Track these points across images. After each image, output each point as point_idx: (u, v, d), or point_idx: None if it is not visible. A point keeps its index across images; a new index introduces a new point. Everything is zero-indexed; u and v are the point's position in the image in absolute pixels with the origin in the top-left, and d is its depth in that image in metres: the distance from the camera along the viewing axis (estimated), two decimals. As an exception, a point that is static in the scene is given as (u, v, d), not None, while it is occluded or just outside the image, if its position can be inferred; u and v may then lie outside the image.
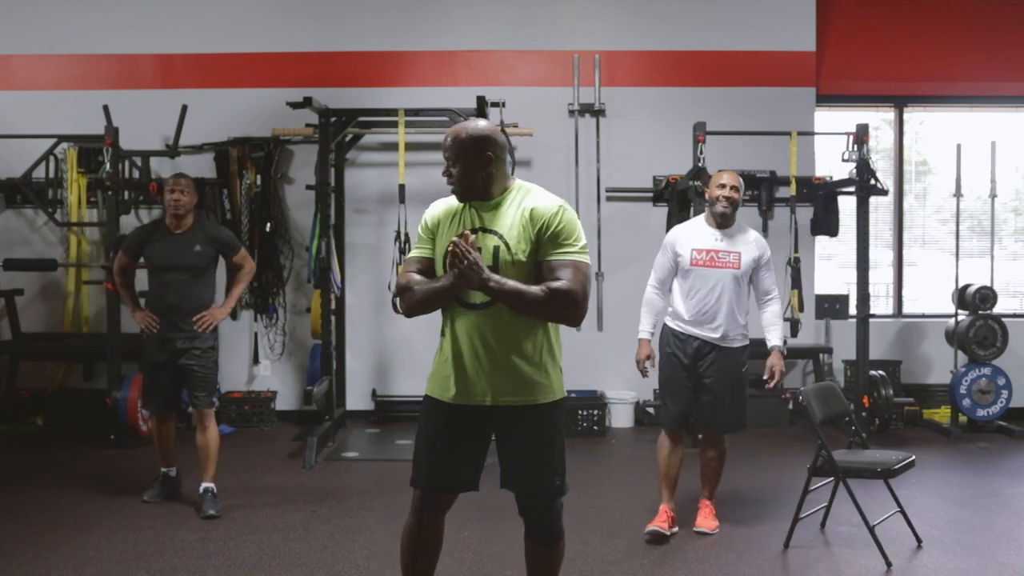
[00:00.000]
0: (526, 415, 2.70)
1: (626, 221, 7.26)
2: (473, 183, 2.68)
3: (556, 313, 2.64)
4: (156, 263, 4.68)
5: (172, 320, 4.64)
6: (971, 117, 7.81)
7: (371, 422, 7.06)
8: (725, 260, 4.20)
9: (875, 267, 7.29)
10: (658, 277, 4.32)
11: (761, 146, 6.97)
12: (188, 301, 4.65)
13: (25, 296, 7.17)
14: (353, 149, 7.23)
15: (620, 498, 4.99)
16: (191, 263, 4.65)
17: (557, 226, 2.64)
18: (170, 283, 4.64)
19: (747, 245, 4.26)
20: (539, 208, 2.66)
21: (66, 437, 6.49)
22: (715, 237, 4.23)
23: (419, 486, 2.78)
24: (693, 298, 4.21)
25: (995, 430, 6.80)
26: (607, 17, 7.44)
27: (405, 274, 2.77)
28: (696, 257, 4.20)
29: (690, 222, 4.46)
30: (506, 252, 2.64)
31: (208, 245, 4.71)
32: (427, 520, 2.81)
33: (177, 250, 4.64)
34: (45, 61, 7.32)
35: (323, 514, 4.67)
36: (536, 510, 2.79)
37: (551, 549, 2.85)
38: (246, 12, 7.33)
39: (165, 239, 4.67)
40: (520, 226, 2.65)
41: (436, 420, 2.76)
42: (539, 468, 2.73)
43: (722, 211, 4.21)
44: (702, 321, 4.21)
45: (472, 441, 2.77)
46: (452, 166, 2.69)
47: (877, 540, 3.95)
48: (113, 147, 6.26)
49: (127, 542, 4.20)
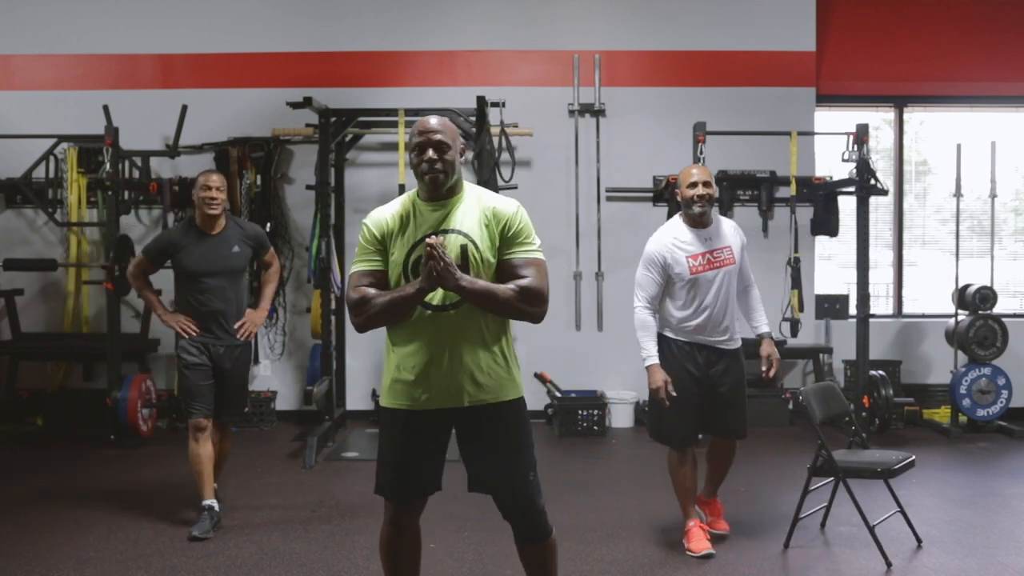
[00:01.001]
0: (496, 413, 2.71)
1: (626, 221, 7.26)
2: (453, 173, 2.69)
3: (525, 310, 2.65)
4: (193, 269, 4.35)
5: (213, 327, 4.37)
6: (971, 117, 7.81)
7: (371, 422, 7.05)
8: (721, 258, 4.00)
9: (875, 267, 7.29)
10: (648, 295, 3.99)
11: (761, 146, 6.97)
12: (229, 305, 4.39)
13: (25, 296, 7.17)
14: (353, 149, 7.23)
15: (620, 498, 4.99)
16: (231, 266, 4.39)
17: (518, 225, 2.69)
18: (209, 288, 4.34)
19: (732, 235, 4.10)
20: (500, 208, 2.70)
21: (66, 437, 6.49)
22: (702, 237, 4.00)
23: (392, 498, 2.79)
24: (698, 306, 3.96)
25: (995, 430, 6.80)
26: (607, 17, 7.44)
27: (357, 288, 2.68)
28: (694, 264, 3.95)
29: (668, 228, 4.09)
30: (475, 251, 2.65)
31: (245, 244, 4.45)
32: (404, 525, 2.83)
33: (215, 253, 4.36)
34: (45, 61, 7.32)
35: (323, 514, 4.67)
36: (519, 509, 2.78)
37: (542, 545, 2.84)
38: (246, 12, 7.33)
39: (200, 243, 4.36)
40: (483, 226, 2.67)
41: (401, 430, 2.74)
42: (513, 464, 2.74)
43: (699, 211, 3.97)
44: (711, 328, 3.99)
45: (437, 444, 2.77)
46: (437, 148, 2.64)
47: (877, 540, 3.95)
48: (113, 147, 6.26)
49: (127, 542, 4.20)
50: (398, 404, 2.74)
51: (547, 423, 6.95)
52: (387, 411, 2.78)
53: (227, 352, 4.42)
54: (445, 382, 2.67)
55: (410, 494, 2.79)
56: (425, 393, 2.69)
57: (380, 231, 2.72)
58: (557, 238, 7.05)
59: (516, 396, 2.76)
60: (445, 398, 2.69)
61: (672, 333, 4.04)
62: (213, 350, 4.38)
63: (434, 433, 2.75)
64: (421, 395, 2.69)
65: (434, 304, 2.64)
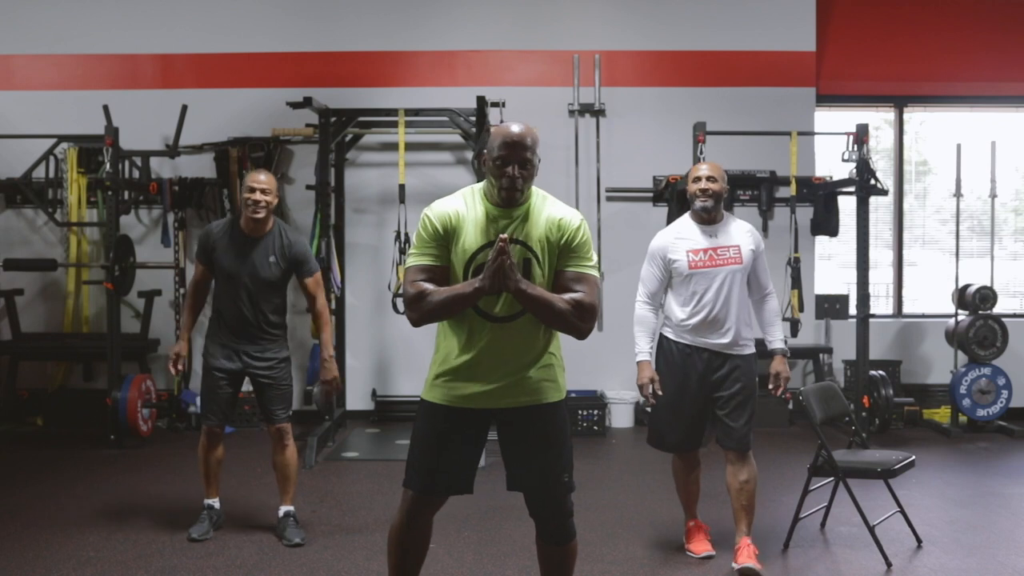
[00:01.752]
0: (537, 414, 2.71)
1: (626, 221, 7.26)
2: (529, 186, 2.66)
3: (574, 325, 2.62)
4: (227, 270, 4.11)
5: (242, 334, 4.14)
6: (971, 117, 7.81)
7: (371, 422, 7.06)
8: (725, 256, 3.81)
9: (875, 267, 7.29)
10: (648, 290, 3.90)
11: (761, 146, 6.98)
12: (260, 316, 4.14)
13: (25, 296, 7.17)
14: (353, 149, 7.23)
15: (620, 498, 4.99)
16: (263, 275, 4.10)
17: (580, 239, 2.67)
18: (240, 295, 4.10)
19: (743, 236, 3.88)
20: (564, 220, 2.67)
21: (66, 437, 6.49)
22: (708, 234, 3.85)
23: (417, 490, 2.77)
24: (697, 304, 3.81)
25: (995, 430, 6.80)
26: (607, 17, 7.44)
27: (414, 283, 2.62)
28: (694, 259, 3.81)
29: (675, 224, 3.99)
30: (536, 266, 2.64)
31: (281, 258, 4.13)
32: (418, 520, 2.81)
33: (250, 257, 4.09)
34: (45, 61, 7.32)
35: (323, 514, 4.67)
36: (548, 509, 2.78)
37: (564, 547, 2.84)
38: (246, 12, 7.33)
39: (239, 244, 4.11)
40: (547, 237, 2.65)
41: (437, 424, 2.74)
42: (550, 466, 2.73)
43: (703, 206, 3.83)
44: (710, 329, 3.81)
45: (473, 443, 2.77)
46: (523, 164, 2.59)
47: (877, 540, 3.95)
48: (113, 147, 6.26)
49: (127, 542, 4.20)
50: (439, 399, 2.73)
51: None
52: (427, 405, 2.76)
53: (262, 358, 4.18)
54: (493, 386, 2.67)
55: (438, 490, 2.76)
56: (471, 391, 2.68)
57: (444, 226, 2.65)
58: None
59: (558, 398, 2.76)
60: (487, 400, 2.69)
61: (673, 334, 3.90)
62: (245, 356, 4.16)
63: (466, 432, 2.74)
64: (466, 393, 2.69)
65: (494, 313, 2.63)
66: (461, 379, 2.69)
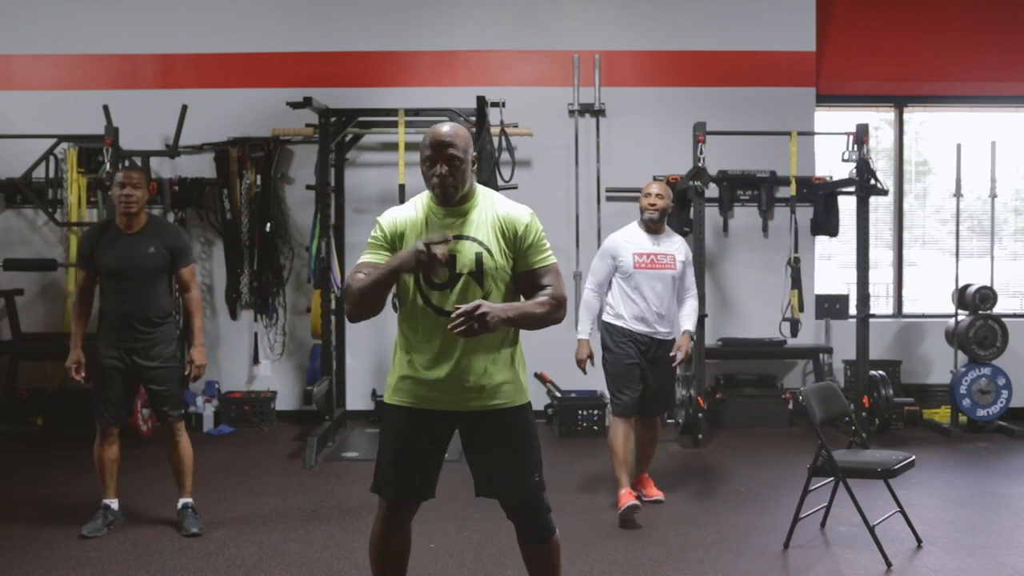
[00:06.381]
0: (502, 418, 2.72)
1: (626, 221, 7.04)
2: (464, 183, 2.68)
3: (554, 320, 2.73)
4: (108, 267, 4.22)
5: (127, 331, 4.22)
6: (971, 117, 7.81)
7: (371, 422, 7.05)
8: (663, 262, 4.68)
9: (875, 267, 7.29)
10: (596, 281, 4.75)
11: (761, 146, 6.97)
12: (144, 309, 4.23)
13: (25, 296, 7.17)
14: (353, 149, 7.23)
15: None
16: (146, 267, 4.23)
17: (534, 236, 2.73)
18: (124, 290, 4.21)
19: (677, 248, 4.76)
20: (513, 216, 2.72)
21: (66, 437, 6.49)
22: (651, 242, 4.71)
23: (389, 499, 2.79)
24: (640, 299, 4.64)
25: (995, 430, 6.80)
26: (607, 17, 7.44)
27: (353, 275, 2.68)
28: (638, 260, 4.66)
29: (626, 229, 4.81)
30: (489, 258, 2.66)
31: (162, 247, 4.26)
32: (396, 526, 2.83)
33: (130, 252, 4.22)
34: (45, 61, 7.32)
35: (323, 514, 4.67)
36: (523, 509, 2.79)
37: (545, 545, 2.85)
38: (246, 12, 7.33)
39: (116, 241, 4.24)
40: (497, 233, 2.69)
41: (403, 428, 2.75)
42: (519, 468, 2.74)
43: (650, 217, 4.69)
44: (650, 320, 4.65)
45: (437, 448, 2.78)
46: (449, 162, 2.63)
47: (877, 540, 3.95)
48: (113, 147, 6.26)
49: (127, 542, 4.21)
50: (402, 401, 2.74)
51: (547, 423, 6.95)
52: (391, 408, 2.78)
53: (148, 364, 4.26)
54: (453, 386, 2.68)
55: (403, 496, 2.79)
56: (432, 393, 2.70)
57: (391, 231, 2.75)
58: (557, 238, 7.02)
59: (523, 402, 2.77)
60: (451, 401, 2.70)
61: (615, 320, 4.69)
62: (132, 356, 4.24)
63: (435, 433, 2.75)
64: (427, 394, 2.70)
65: (448, 309, 2.62)
66: (422, 379, 2.70)
